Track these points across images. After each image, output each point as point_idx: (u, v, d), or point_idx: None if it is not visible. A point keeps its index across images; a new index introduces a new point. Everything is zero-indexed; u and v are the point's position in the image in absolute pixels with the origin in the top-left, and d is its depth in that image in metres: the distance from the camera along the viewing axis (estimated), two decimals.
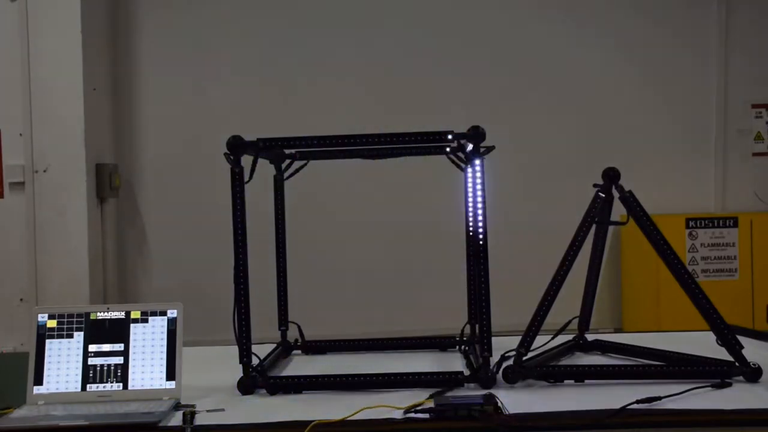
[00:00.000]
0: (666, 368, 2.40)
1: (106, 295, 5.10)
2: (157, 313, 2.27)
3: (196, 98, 5.39)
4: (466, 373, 2.35)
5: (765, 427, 2.02)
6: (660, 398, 2.08)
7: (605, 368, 2.37)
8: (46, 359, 2.22)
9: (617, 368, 2.38)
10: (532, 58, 5.47)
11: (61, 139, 4.78)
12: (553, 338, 2.68)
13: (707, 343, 2.45)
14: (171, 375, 2.22)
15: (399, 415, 2.03)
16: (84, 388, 2.20)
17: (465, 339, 2.83)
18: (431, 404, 2.04)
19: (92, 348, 2.23)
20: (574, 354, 2.72)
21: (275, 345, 2.83)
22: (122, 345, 2.24)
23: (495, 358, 2.35)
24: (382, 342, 2.93)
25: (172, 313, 2.27)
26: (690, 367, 2.33)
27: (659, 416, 2.01)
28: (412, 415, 2.03)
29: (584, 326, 2.77)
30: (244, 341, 2.31)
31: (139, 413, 2.06)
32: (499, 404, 2.02)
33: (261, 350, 2.49)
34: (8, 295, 4.80)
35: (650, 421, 2.00)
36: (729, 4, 5.51)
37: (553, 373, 2.35)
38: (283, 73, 5.40)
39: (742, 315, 5.04)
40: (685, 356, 2.47)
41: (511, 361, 2.35)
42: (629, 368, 2.39)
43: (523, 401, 2.12)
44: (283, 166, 2.84)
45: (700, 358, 2.41)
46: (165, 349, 2.24)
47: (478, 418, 1.97)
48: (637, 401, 2.04)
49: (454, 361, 2.70)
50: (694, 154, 5.57)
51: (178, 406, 2.14)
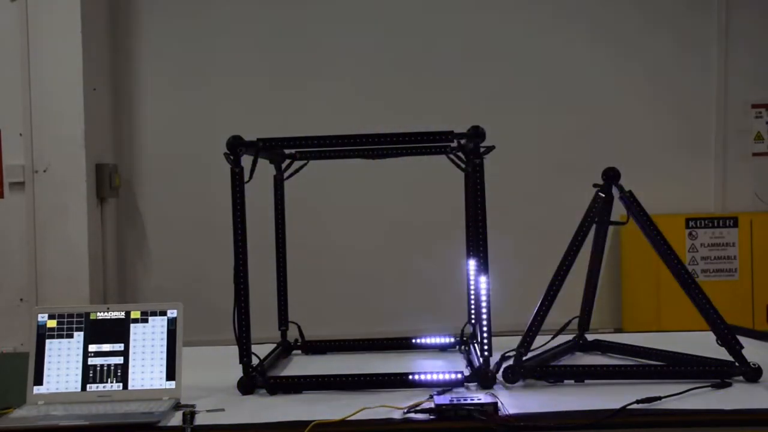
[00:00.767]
0: (666, 368, 2.40)
1: (106, 295, 5.10)
2: (157, 313, 2.27)
3: (196, 98, 5.38)
4: (466, 373, 2.35)
5: (765, 427, 2.02)
6: (660, 398, 2.08)
7: (605, 368, 2.37)
8: (46, 359, 2.22)
9: (617, 368, 2.38)
10: (532, 58, 5.46)
11: (61, 139, 4.78)
12: (553, 338, 2.68)
13: (707, 343, 2.45)
14: (171, 375, 2.22)
15: (399, 415, 2.03)
16: (84, 388, 2.20)
17: (465, 339, 2.83)
18: (431, 404, 2.04)
19: (92, 348, 2.23)
20: (574, 354, 2.72)
21: (275, 345, 2.83)
22: (122, 345, 2.24)
23: (495, 358, 2.35)
24: (382, 342, 2.93)
25: (172, 313, 2.27)
26: (690, 367, 2.33)
27: (659, 416, 2.01)
28: (412, 415, 2.03)
29: (584, 326, 2.77)
30: (244, 341, 2.31)
31: (139, 413, 2.06)
32: (499, 404, 2.02)
33: (261, 350, 2.49)
34: (8, 295, 4.80)
35: (650, 421, 2.01)
36: (729, 4, 5.50)
37: (553, 373, 2.35)
38: (283, 73, 5.40)
39: (742, 315, 5.04)
40: (685, 356, 2.47)
41: (511, 361, 2.35)
42: (629, 368, 2.39)
43: (523, 401, 2.13)
44: (283, 166, 2.84)
45: (700, 358, 2.41)
46: (165, 349, 2.24)
47: (478, 418, 1.97)
48: (637, 401, 2.04)
49: (454, 361, 2.71)
50: (694, 154, 5.57)
51: (178, 406, 2.14)
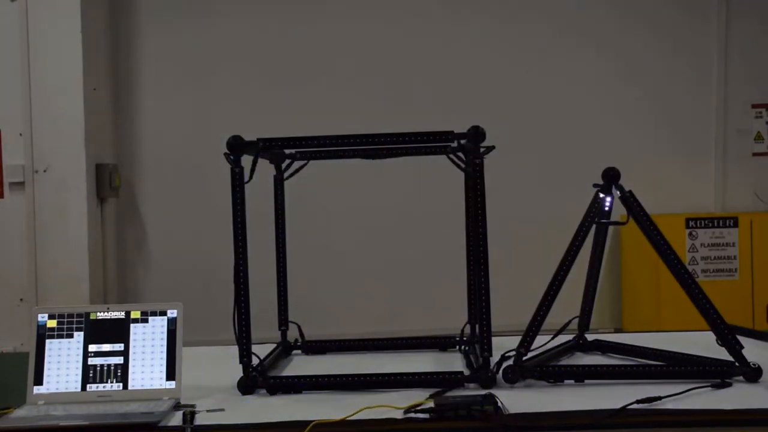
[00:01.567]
0: (666, 368, 2.40)
1: (106, 295, 5.10)
2: (157, 313, 2.27)
3: (197, 98, 5.38)
4: (466, 373, 2.35)
5: (765, 427, 2.01)
6: (660, 398, 2.07)
7: (605, 368, 2.37)
8: (46, 359, 2.21)
9: (617, 368, 2.38)
10: (533, 58, 5.46)
11: (61, 139, 4.78)
12: (553, 338, 2.68)
13: (707, 343, 2.44)
14: (171, 375, 2.22)
15: (399, 415, 2.03)
16: (84, 388, 2.20)
17: (465, 339, 2.83)
18: (431, 404, 2.04)
19: (92, 348, 2.23)
20: (574, 354, 2.72)
21: (275, 345, 2.83)
22: (122, 345, 2.24)
23: (495, 358, 2.35)
24: (382, 342, 2.92)
25: (172, 313, 2.27)
26: (690, 367, 2.33)
27: (659, 416, 2.01)
28: (412, 415, 2.02)
29: (584, 326, 2.77)
30: (244, 341, 2.31)
31: (139, 413, 2.06)
32: (499, 404, 2.02)
33: (261, 350, 2.49)
34: (8, 295, 4.80)
35: (650, 421, 2.00)
36: (729, 5, 5.50)
37: (553, 373, 2.35)
38: (283, 73, 5.39)
39: (742, 315, 5.04)
40: (685, 356, 2.46)
41: (511, 361, 2.35)
42: (629, 368, 2.39)
43: (523, 401, 2.12)
44: (283, 166, 2.83)
45: (700, 358, 2.40)
46: (165, 349, 2.24)
47: (478, 418, 1.97)
48: (637, 401, 2.04)
49: (454, 361, 2.70)
50: (694, 154, 5.57)
51: (178, 406, 2.14)
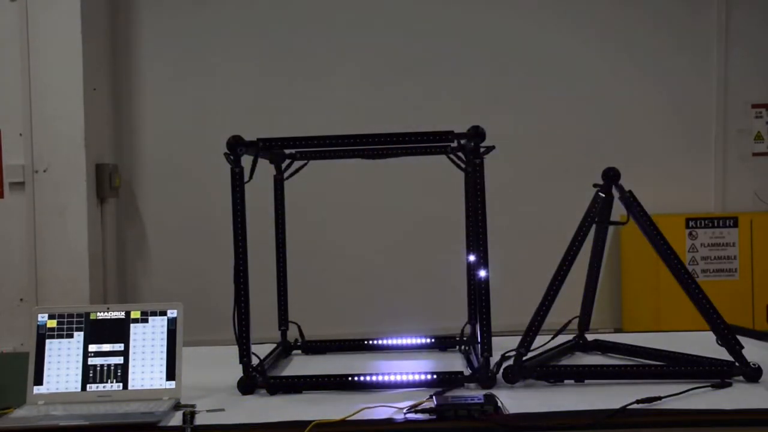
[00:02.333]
0: (666, 368, 2.40)
1: (106, 295, 5.10)
2: (157, 313, 2.27)
3: (196, 98, 5.39)
4: (466, 373, 2.35)
5: (765, 427, 2.01)
6: (660, 398, 2.08)
7: (605, 368, 2.37)
8: (46, 359, 2.21)
9: (617, 368, 2.38)
10: (532, 58, 5.47)
11: (61, 139, 4.78)
12: (553, 338, 2.68)
13: (707, 343, 2.45)
14: (171, 375, 2.22)
15: (399, 415, 2.03)
16: (84, 388, 2.20)
17: (465, 339, 2.83)
18: (431, 404, 2.04)
19: (92, 348, 2.23)
20: (574, 354, 2.72)
21: (275, 345, 2.83)
22: (122, 345, 2.24)
23: (495, 358, 2.35)
24: (382, 342, 2.93)
25: (172, 313, 2.27)
26: (690, 367, 2.33)
27: (659, 416, 2.01)
28: (412, 415, 2.02)
29: (584, 326, 2.77)
30: (244, 341, 2.31)
31: (139, 413, 2.06)
32: (499, 404, 2.03)
33: (261, 350, 2.49)
34: (8, 295, 4.80)
35: (650, 421, 2.00)
36: (729, 5, 5.51)
37: (553, 373, 2.35)
38: (283, 74, 5.40)
39: (742, 315, 5.04)
40: (685, 356, 2.47)
41: (511, 361, 2.35)
42: (629, 368, 2.39)
43: (523, 401, 2.12)
44: (283, 166, 2.84)
45: (700, 358, 2.41)
46: (165, 349, 2.24)
47: (478, 418, 1.97)
48: (637, 401, 2.04)
49: (454, 361, 2.70)
50: (694, 154, 5.58)
51: (178, 406, 2.14)
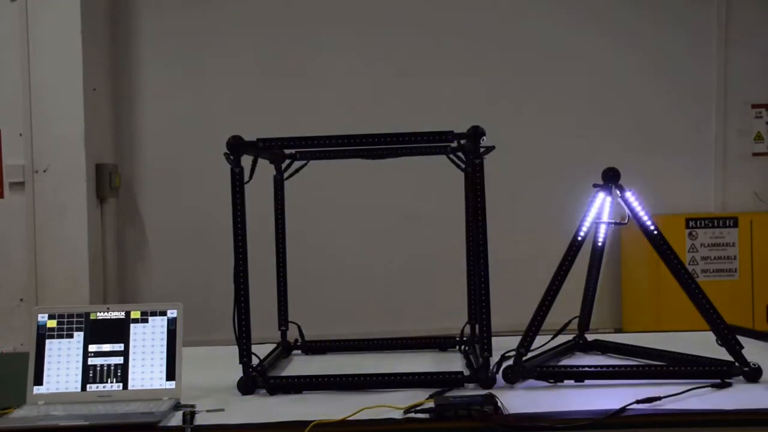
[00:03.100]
0: (666, 368, 2.40)
1: (106, 295, 5.10)
2: (157, 313, 2.27)
3: (196, 98, 5.39)
4: (466, 373, 2.35)
5: (765, 427, 2.02)
6: (660, 398, 2.08)
7: (605, 368, 2.38)
8: (46, 359, 2.21)
9: (617, 368, 2.38)
10: (532, 58, 5.46)
11: (61, 139, 4.78)
12: (553, 338, 2.68)
13: (707, 343, 2.45)
14: (171, 375, 2.22)
15: (399, 415, 2.03)
16: (84, 388, 2.20)
17: (465, 339, 2.83)
18: (431, 404, 2.04)
19: (92, 348, 2.23)
20: (574, 354, 2.72)
21: (275, 345, 2.83)
22: (122, 345, 2.24)
23: (495, 358, 2.35)
24: (382, 342, 2.93)
25: (172, 313, 2.27)
26: (690, 367, 2.33)
27: (659, 416, 2.01)
28: (412, 415, 2.03)
29: (584, 326, 2.77)
30: (244, 341, 2.31)
31: (139, 413, 2.06)
32: (499, 404, 2.02)
33: (261, 350, 2.49)
34: (8, 295, 4.80)
35: (650, 421, 2.00)
36: (729, 4, 5.51)
37: (553, 373, 2.35)
38: (283, 73, 5.39)
39: (742, 315, 5.04)
40: (685, 356, 2.47)
41: (511, 361, 2.35)
42: (629, 368, 2.39)
43: (523, 401, 2.12)
44: (283, 166, 2.84)
45: (700, 358, 2.41)
46: (165, 349, 2.24)
47: (478, 418, 1.97)
48: (637, 401, 2.05)
49: (454, 361, 2.70)
50: (694, 154, 5.57)
51: (178, 406, 2.14)
